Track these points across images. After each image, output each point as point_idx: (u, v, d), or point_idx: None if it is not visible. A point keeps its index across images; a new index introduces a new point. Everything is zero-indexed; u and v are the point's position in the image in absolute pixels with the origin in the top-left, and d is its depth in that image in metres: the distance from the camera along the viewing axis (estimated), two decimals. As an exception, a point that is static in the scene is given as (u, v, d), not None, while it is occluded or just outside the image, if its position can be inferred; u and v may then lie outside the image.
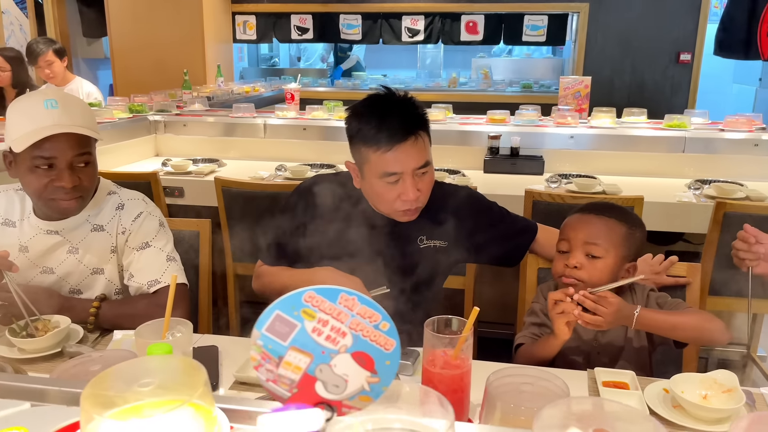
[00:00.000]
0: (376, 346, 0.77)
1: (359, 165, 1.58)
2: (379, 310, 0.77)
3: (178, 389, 0.74)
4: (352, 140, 1.57)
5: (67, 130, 1.42)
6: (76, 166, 1.48)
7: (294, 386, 0.78)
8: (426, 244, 1.67)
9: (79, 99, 1.60)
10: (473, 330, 1.10)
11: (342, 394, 0.77)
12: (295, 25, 6.12)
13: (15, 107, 1.47)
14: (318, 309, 0.77)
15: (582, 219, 1.53)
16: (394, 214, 1.60)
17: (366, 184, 1.58)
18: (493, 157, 3.26)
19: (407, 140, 1.48)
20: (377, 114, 1.51)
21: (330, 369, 0.77)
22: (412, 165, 1.50)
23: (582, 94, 3.63)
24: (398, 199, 1.54)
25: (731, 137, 3.24)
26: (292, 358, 0.77)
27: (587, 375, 1.31)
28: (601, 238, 1.47)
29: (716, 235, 2.46)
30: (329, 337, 0.78)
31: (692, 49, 5.42)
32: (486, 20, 5.80)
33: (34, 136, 1.39)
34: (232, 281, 2.93)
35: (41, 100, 1.43)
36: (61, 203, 1.51)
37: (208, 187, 2.87)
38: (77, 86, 4.31)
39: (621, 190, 2.79)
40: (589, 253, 1.47)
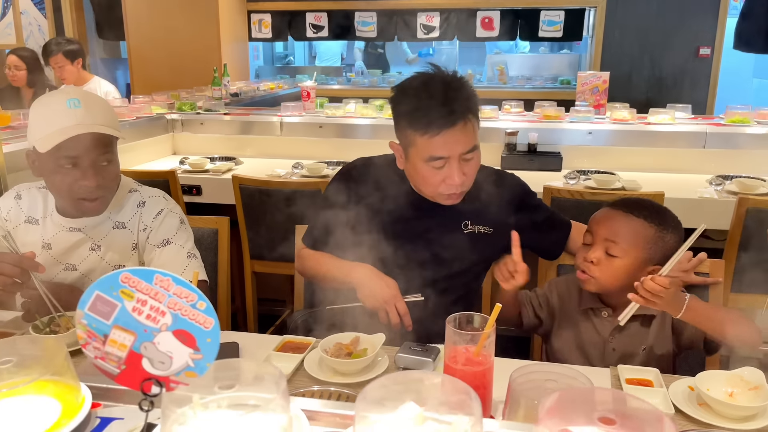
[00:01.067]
0: (195, 325, 0.81)
1: (404, 147, 1.54)
2: (194, 290, 0.82)
3: (33, 366, 0.82)
4: (397, 121, 1.53)
5: (90, 130, 1.43)
6: (100, 165, 1.49)
7: (122, 363, 0.84)
8: (470, 229, 1.64)
9: (101, 97, 1.60)
10: (494, 327, 1.09)
11: (168, 370, 0.82)
12: (310, 23, 6.13)
13: (38, 107, 1.48)
14: (135, 289, 0.83)
15: (608, 215, 1.48)
16: (437, 197, 1.56)
17: (410, 166, 1.54)
18: (510, 153, 3.24)
19: (456, 125, 1.43)
20: (425, 96, 1.46)
21: (154, 346, 0.83)
22: (459, 150, 1.46)
23: (600, 90, 3.60)
24: (443, 183, 1.50)
25: (752, 132, 3.19)
26: (116, 336, 0.83)
27: (610, 372, 1.30)
28: (621, 238, 1.43)
29: (739, 231, 2.43)
30: (149, 316, 0.83)
31: (712, 44, 5.34)
32: (502, 16, 5.76)
33: (58, 137, 1.40)
34: (249, 278, 2.94)
35: (64, 99, 1.43)
36: (87, 204, 1.52)
37: (226, 185, 2.88)
38: (95, 86, 4.34)
39: (641, 186, 2.76)
40: (608, 251, 1.44)
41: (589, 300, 1.54)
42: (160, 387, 0.82)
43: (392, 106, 1.54)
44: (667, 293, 1.30)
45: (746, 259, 2.46)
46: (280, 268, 2.83)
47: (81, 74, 4.31)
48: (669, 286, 1.29)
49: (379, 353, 1.30)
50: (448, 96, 1.44)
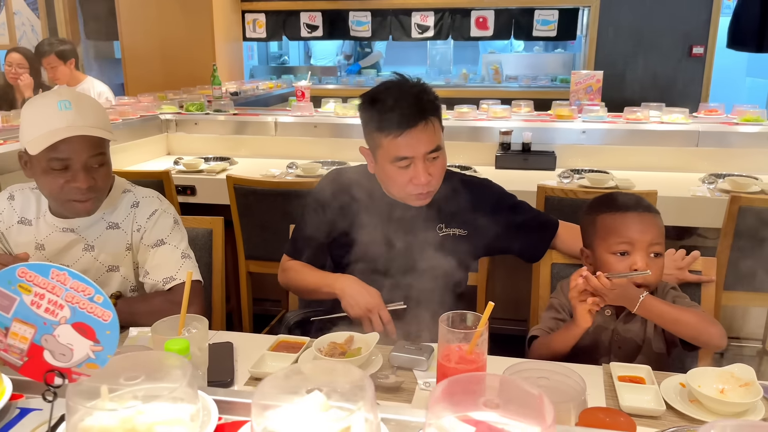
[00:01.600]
0: (93, 317, 0.85)
1: (372, 150, 1.62)
2: (90, 284, 0.84)
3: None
4: (365, 126, 1.62)
5: (81, 133, 1.43)
6: (91, 167, 1.49)
7: (24, 355, 0.87)
8: (445, 232, 1.69)
9: (93, 99, 1.60)
10: (487, 325, 1.10)
11: (69, 361, 0.86)
12: (304, 23, 6.12)
13: (29, 108, 1.48)
14: (33, 283, 0.86)
15: (643, 219, 1.46)
16: (406, 198, 1.63)
17: (379, 168, 1.62)
18: (504, 152, 3.25)
19: (417, 125, 1.52)
20: (389, 100, 1.54)
21: (55, 339, 0.86)
22: (422, 149, 1.54)
23: (594, 89, 3.61)
24: (410, 183, 1.57)
25: (744, 131, 3.21)
26: (17, 329, 0.87)
27: (603, 370, 1.31)
28: (662, 236, 1.47)
29: (731, 229, 2.44)
30: (48, 310, 0.86)
31: (705, 43, 5.36)
32: (496, 15, 5.76)
33: (48, 139, 1.40)
34: (244, 278, 2.94)
35: (55, 100, 1.43)
36: (77, 205, 1.52)
37: (220, 185, 2.88)
38: (89, 86, 4.33)
39: (634, 185, 2.78)
40: (654, 252, 1.45)
41: None
42: (62, 378, 0.86)
43: (360, 112, 1.63)
44: (611, 292, 1.37)
45: (739, 257, 2.47)
46: (275, 268, 2.82)
47: (74, 74, 4.30)
48: (614, 287, 1.36)
49: (373, 352, 1.31)
50: (410, 99, 1.54)
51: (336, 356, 1.28)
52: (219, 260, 2.05)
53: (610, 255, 1.46)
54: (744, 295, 2.56)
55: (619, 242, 1.45)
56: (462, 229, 1.70)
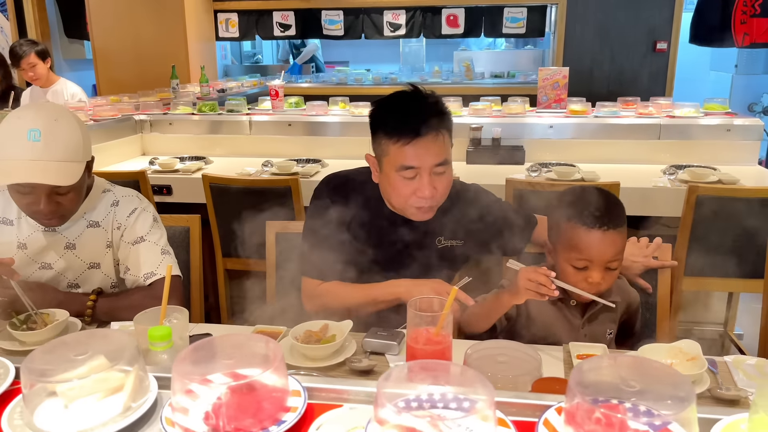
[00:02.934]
0: None
1: (378, 158, 1.59)
2: None
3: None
4: (374, 132, 1.59)
5: (40, 181, 1.41)
6: (57, 193, 1.49)
7: None
8: (444, 244, 1.70)
9: (70, 125, 1.49)
10: (452, 309, 1.17)
11: None
12: (277, 22, 6.15)
13: (3, 125, 1.46)
14: None
15: (604, 239, 1.45)
16: (407, 211, 1.60)
17: (383, 177, 1.59)
18: (475, 148, 3.34)
19: (428, 135, 1.50)
20: (402, 107, 1.53)
21: None
22: (430, 161, 1.51)
23: (560, 85, 3.71)
24: (413, 195, 1.54)
25: (705, 123, 3.34)
26: None
27: (563, 349, 1.39)
28: (620, 252, 1.49)
29: (690, 218, 2.55)
30: None
31: (668, 38, 5.52)
32: (466, 13, 5.86)
33: (7, 176, 1.40)
34: (222, 276, 2.98)
35: (27, 127, 1.41)
36: (42, 221, 1.55)
37: (196, 184, 2.92)
38: (62, 87, 4.32)
39: (599, 177, 2.88)
40: (609, 267, 1.48)
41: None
42: None
43: (370, 119, 1.60)
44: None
45: (698, 244, 2.59)
46: (252, 265, 2.88)
47: (49, 75, 4.29)
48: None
49: (347, 338, 1.37)
50: (422, 109, 1.52)
51: (312, 343, 1.34)
52: (197, 257, 2.09)
53: (569, 266, 1.49)
54: (704, 281, 2.68)
55: (578, 258, 1.47)
56: (458, 239, 1.72)
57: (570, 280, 1.49)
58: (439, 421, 0.73)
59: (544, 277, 1.37)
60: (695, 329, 3.17)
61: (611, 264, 1.47)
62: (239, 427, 0.83)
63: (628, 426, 0.72)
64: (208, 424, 0.83)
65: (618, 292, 1.60)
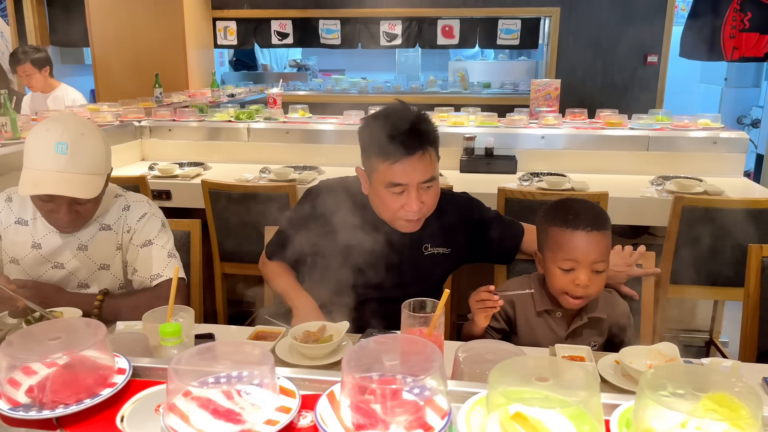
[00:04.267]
0: None
1: (368, 173, 1.65)
2: None
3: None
4: (363, 148, 1.65)
5: (65, 193, 1.49)
6: (77, 203, 1.57)
7: None
8: (430, 251, 1.76)
9: (95, 140, 1.57)
10: (445, 311, 1.24)
11: None
12: (275, 31, 6.24)
13: (32, 135, 1.54)
14: None
15: (589, 239, 1.53)
16: (396, 223, 1.66)
17: (373, 191, 1.65)
18: (468, 157, 3.41)
19: (415, 154, 1.55)
20: (389, 126, 1.57)
21: None
22: (417, 178, 1.57)
23: (552, 96, 3.80)
24: (401, 209, 1.61)
25: (692, 135, 3.42)
26: None
27: (549, 351, 1.46)
28: (605, 254, 1.56)
29: (676, 227, 2.63)
30: None
31: (659, 51, 5.63)
32: (462, 24, 5.97)
33: (34, 187, 1.49)
34: (219, 280, 3.04)
35: (55, 139, 1.49)
36: (61, 228, 1.64)
37: (195, 189, 2.98)
38: (63, 93, 4.38)
39: (588, 186, 2.96)
40: (595, 270, 1.55)
41: (544, 303, 1.65)
42: None
43: (360, 135, 1.66)
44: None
45: (684, 253, 2.66)
46: (249, 269, 2.94)
47: (48, 81, 4.34)
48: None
49: (343, 339, 1.44)
50: (410, 128, 1.57)
51: (310, 343, 1.41)
52: (197, 261, 2.15)
53: (556, 268, 1.56)
54: (689, 289, 2.75)
55: (564, 259, 1.54)
56: (446, 247, 1.77)
57: (558, 283, 1.57)
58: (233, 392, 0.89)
59: (485, 293, 1.48)
60: (681, 336, 3.24)
61: (597, 266, 1.54)
62: (56, 399, 0.95)
63: (399, 396, 0.87)
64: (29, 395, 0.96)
65: (605, 306, 1.66)
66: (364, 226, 1.69)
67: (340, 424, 0.89)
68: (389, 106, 1.66)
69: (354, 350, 0.95)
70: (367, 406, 0.86)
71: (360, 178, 1.71)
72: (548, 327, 1.65)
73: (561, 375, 0.90)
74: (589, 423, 0.83)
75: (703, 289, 2.75)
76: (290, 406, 0.93)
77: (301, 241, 1.75)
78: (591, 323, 1.63)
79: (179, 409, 0.88)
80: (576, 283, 1.54)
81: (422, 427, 0.86)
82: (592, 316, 1.62)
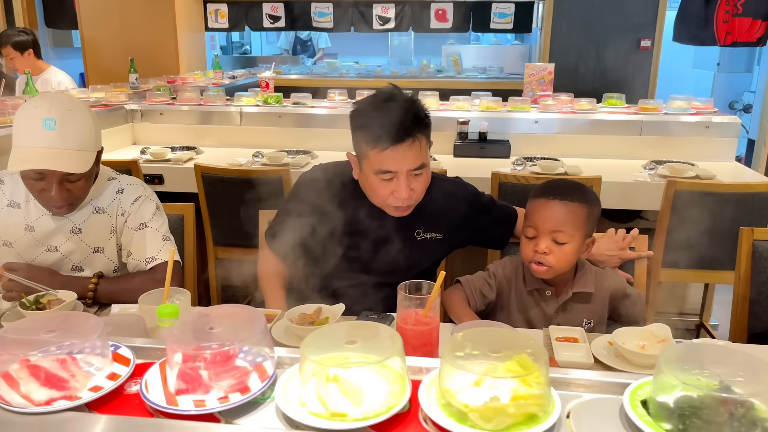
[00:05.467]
0: None
1: (359, 158, 1.65)
2: None
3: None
4: (354, 134, 1.64)
5: (54, 167, 1.48)
6: (68, 181, 1.56)
7: None
8: (423, 236, 1.76)
9: (83, 116, 1.56)
10: (439, 291, 1.24)
11: None
12: (266, 14, 6.17)
13: (20, 112, 1.53)
14: None
15: (547, 206, 1.56)
16: (386, 209, 1.67)
17: (363, 177, 1.65)
18: (462, 141, 3.41)
19: (404, 142, 1.54)
20: (379, 113, 1.56)
21: None
22: (406, 166, 1.56)
23: (546, 81, 3.79)
24: (391, 196, 1.60)
25: (685, 120, 3.44)
26: None
27: (543, 333, 1.47)
28: (567, 225, 1.55)
29: (668, 212, 2.65)
30: None
31: (652, 36, 5.62)
32: (455, 8, 5.93)
33: (23, 162, 1.48)
34: (213, 265, 3.04)
35: (43, 115, 1.48)
36: (53, 209, 1.62)
37: (188, 173, 2.97)
38: (51, 76, 4.34)
39: (582, 171, 2.97)
40: (556, 239, 1.56)
41: (534, 282, 1.67)
42: None
43: (351, 120, 1.65)
44: None
45: (675, 236, 2.68)
46: (243, 254, 2.94)
47: (35, 64, 4.29)
48: None
49: (339, 321, 1.45)
50: (400, 115, 1.54)
51: (306, 325, 1.41)
52: (191, 245, 2.15)
53: (523, 236, 1.62)
54: (680, 272, 2.77)
55: (527, 226, 1.60)
56: (438, 232, 1.77)
57: (523, 251, 1.62)
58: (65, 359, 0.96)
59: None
60: (672, 319, 3.28)
61: (557, 236, 1.55)
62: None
63: (226, 362, 0.94)
64: None
65: (593, 281, 1.66)
66: (356, 211, 1.69)
67: (163, 389, 0.93)
68: (380, 91, 1.64)
69: (181, 322, 1.02)
70: (195, 372, 0.92)
71: (351, 163, 1.70)
72: (536, 304, 1.67)
73: (368, 337, 0.98)
74: (399, 379, 0.91)
75: (695, 272, 2.77)
76: (120, 374, 0.98)
77: (295, 227, 1.73)
78: (578, 297, 1.64)
79: (12, 376, 0.94)
80: (535, 249, 1.57)
81: (241, 391, 0.92)
82: (578, 291, 1.63)
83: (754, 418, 0.80)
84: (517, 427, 0.84)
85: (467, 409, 0.84)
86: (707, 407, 0.81)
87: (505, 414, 0.83)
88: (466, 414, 0.84)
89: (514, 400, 0.84)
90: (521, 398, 0.84)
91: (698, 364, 0.87)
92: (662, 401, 0.85)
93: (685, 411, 0.82)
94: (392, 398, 0.89)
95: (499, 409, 0.83)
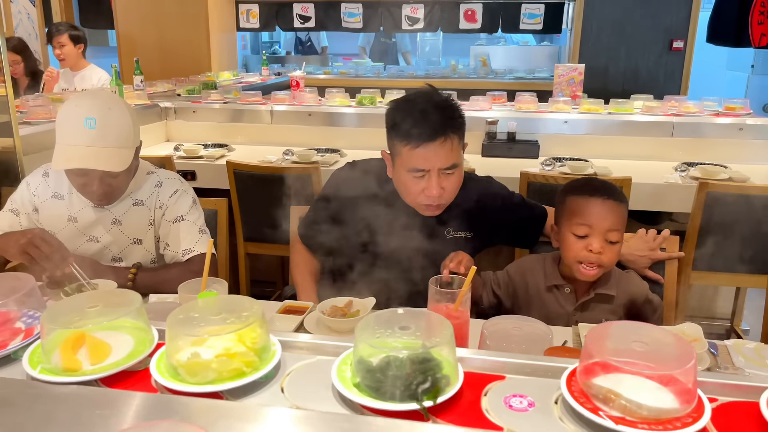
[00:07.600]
0: None
1: (392, 156, 1.67)
2: None
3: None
4: (388, 132, 1.66)
5: (95, 167, 1.55)
6: (108, 176, 1.62)
7: None
8: (452, 235, 1.77)
9: (122, 114, 1.62)
10: (471, 287, 1.26)
11: None
12: (297, 14, 6.24)
13: (63, 110, 1.60)
14: None
15: (604, 205, 1.56)
16: (417, 207, 1.68)
17: (395, 174, 1.67)
18: (491, 141, 3.41)
19: (436, 140, 1.55)
20: (413, 111, 1.58)
21: None
22: (437, 164, 1.57)
23: (576, 81, 3.78)
24: (422, 194, 1.62)
25: (718, 122, 3.39)
26: None
27: (572, 331, 1.48)
28: (619, 224, 1.57)
29: (699, 214, 2.62)
30: None
31: (685, 37, 5.55)
32: (484, 8, 5.92)
33: (66, 162, 1.55)
34: (243, 260, 3.09)
35: (84, 114, 1.54)
36: (94, 201, 1.69)
37: (220, 170, 3.02)
38: (90, 73, 4.46)
39: (611, 172, 2.94)
40: (609, 239, 1.56)
41: (554, 278, 1.68)
42: None
43: (386, 117, 1.67)
44: None
45: (707, 239, 2.65)
46: (272, 249, 2.99)
47: (80, 60, 4.44)
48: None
49: (369, 314, 1.47)
50: (434, 113, 1.57)
51: (337, 317, 1.44)
52: (223, 238, 2.20)
53: (571, 235, 1.59)
54: (712, 276, 2.74)
55: (579, 224, 1.57)
56: (468, 231, 1.78)
57: (572, 250, 1.59)
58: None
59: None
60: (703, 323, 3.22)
61: (610, 235, 1.55)
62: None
63: None
64: None
65: (616, 284, 1.66)
66: (387, 208, 1.71)
67: None
68: (418, 90, 1.66)
69: None
70: None
71: (386, 161, 1.72)
72: (557, 302, 1.67)
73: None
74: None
75: (726, 275, 2.74)
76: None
77: (327, 222, 1.77)
78: (599, 299, 1.64)
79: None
80: (589, 248, 1.55)
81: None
82: (600, 292, 1.63)
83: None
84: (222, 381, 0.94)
85: (178, 363, 0.96)
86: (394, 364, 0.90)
87: (208, 368, 0.94)
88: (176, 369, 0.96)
89: (217, 357, 0.94)
90: (225, 355, 0.94)
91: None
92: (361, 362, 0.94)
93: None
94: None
95: (202, 364, 0.94)
